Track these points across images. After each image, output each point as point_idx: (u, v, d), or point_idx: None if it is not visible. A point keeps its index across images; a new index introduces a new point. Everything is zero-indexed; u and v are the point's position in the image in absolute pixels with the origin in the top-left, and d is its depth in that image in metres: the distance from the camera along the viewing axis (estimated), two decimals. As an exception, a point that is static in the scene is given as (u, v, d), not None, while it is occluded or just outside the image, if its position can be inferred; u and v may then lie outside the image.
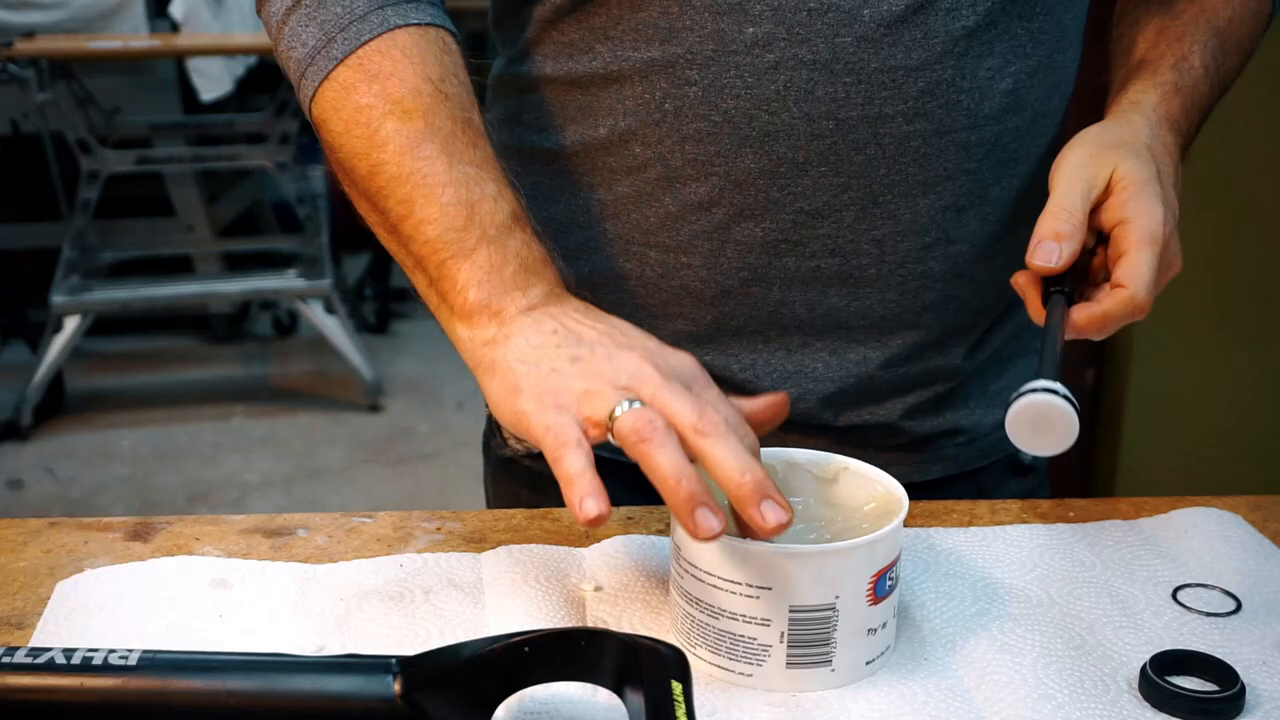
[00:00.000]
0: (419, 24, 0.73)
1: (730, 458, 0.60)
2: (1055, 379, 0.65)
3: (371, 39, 0.72)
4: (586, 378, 0.63)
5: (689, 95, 0.77)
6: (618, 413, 0.61)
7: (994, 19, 0.77)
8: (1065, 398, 0.64)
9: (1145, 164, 0.73)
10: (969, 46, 0.76)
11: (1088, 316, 0.70)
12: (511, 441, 0.95)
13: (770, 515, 0.59)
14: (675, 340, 0.83)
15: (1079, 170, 0.73)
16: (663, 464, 0.59)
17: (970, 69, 0.77)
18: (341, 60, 0.72)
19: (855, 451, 0.72)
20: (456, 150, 0.70)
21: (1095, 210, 0.73)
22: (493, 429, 0.97)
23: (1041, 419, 0.65)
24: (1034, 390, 0.65)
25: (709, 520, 0.58)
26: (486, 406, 0.97)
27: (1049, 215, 0.72)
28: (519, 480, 0.94)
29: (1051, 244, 0.71)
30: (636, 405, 0.61)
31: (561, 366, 0.64)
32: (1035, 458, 0.94)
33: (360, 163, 0.72)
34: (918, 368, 0.85)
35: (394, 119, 0.70)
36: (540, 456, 0.92)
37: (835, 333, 0.82)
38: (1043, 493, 0.98)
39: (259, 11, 0.80)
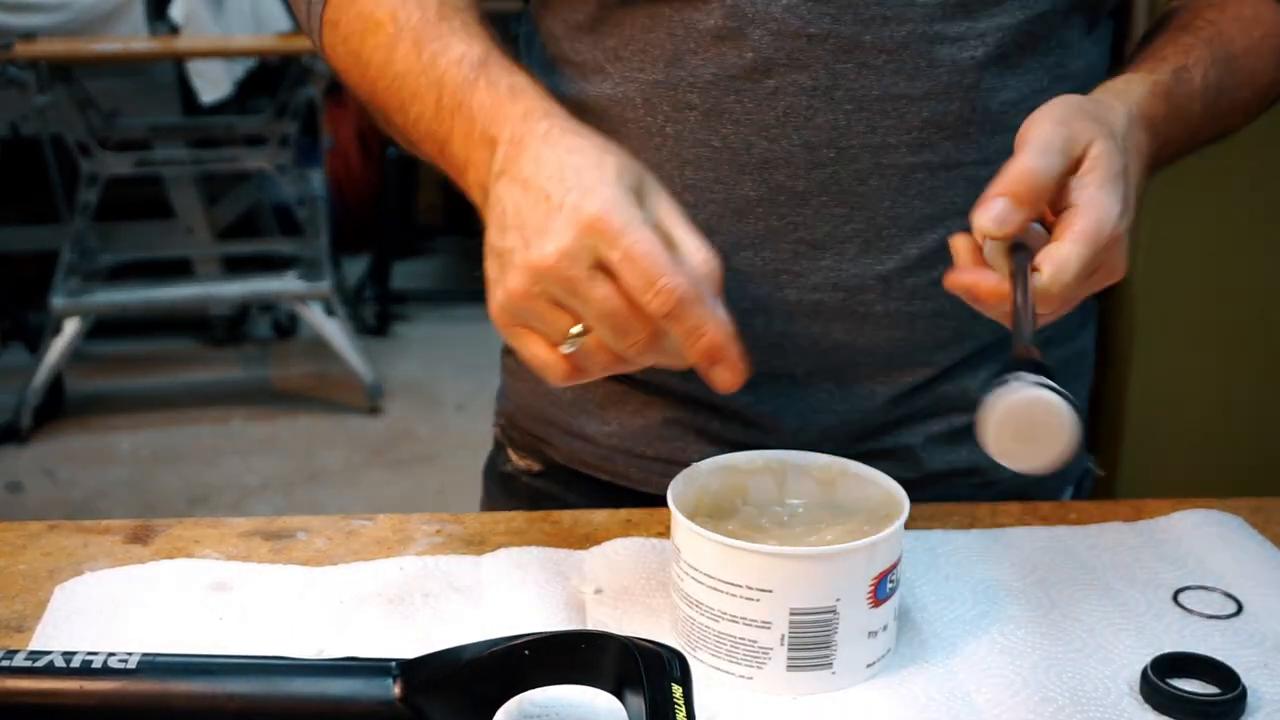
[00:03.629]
0: None
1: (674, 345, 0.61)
2: (1039, 364, 0.54)
3: None
4: (506, 292, 0.61)
5: (689, 120, 0.76)
6: (564, 349, 0.62)
7: (1006, 52, 0.74)
8: (1060, 393, 0.52)
9: (1118, 154, 0.66)
10: (979, 79, 0.74)
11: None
12: (515, 458, 0.94)
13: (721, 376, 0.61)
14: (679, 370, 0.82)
15: (1056, 133, 0.65)
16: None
17: (980, 102, 0.75)
18: (325, 3, 0.77)
19: None
20: (426, 35, 0.71)
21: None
22: (498, 446, 0.97)
23: (1029, 421, 0.53)
24: (1022, 383, 0.52)
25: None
26: (495, 420, 0.97)
27: (1011, 174, 0.63)
28: (518, 497, 0.93)
29: (1006, 205, 0.63)
30: (576, 338, 0.61)
31: (503, 271, 0.62)
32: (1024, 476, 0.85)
33: (363, 89, 0.75)
34: (929, 398, 0.82)
35: (370, 35, 0.73)
36: (540, 475, 0.92)
37: (843, 367, 0.80)
38: None
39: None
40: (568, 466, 0.89)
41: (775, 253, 0.77)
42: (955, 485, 0.85)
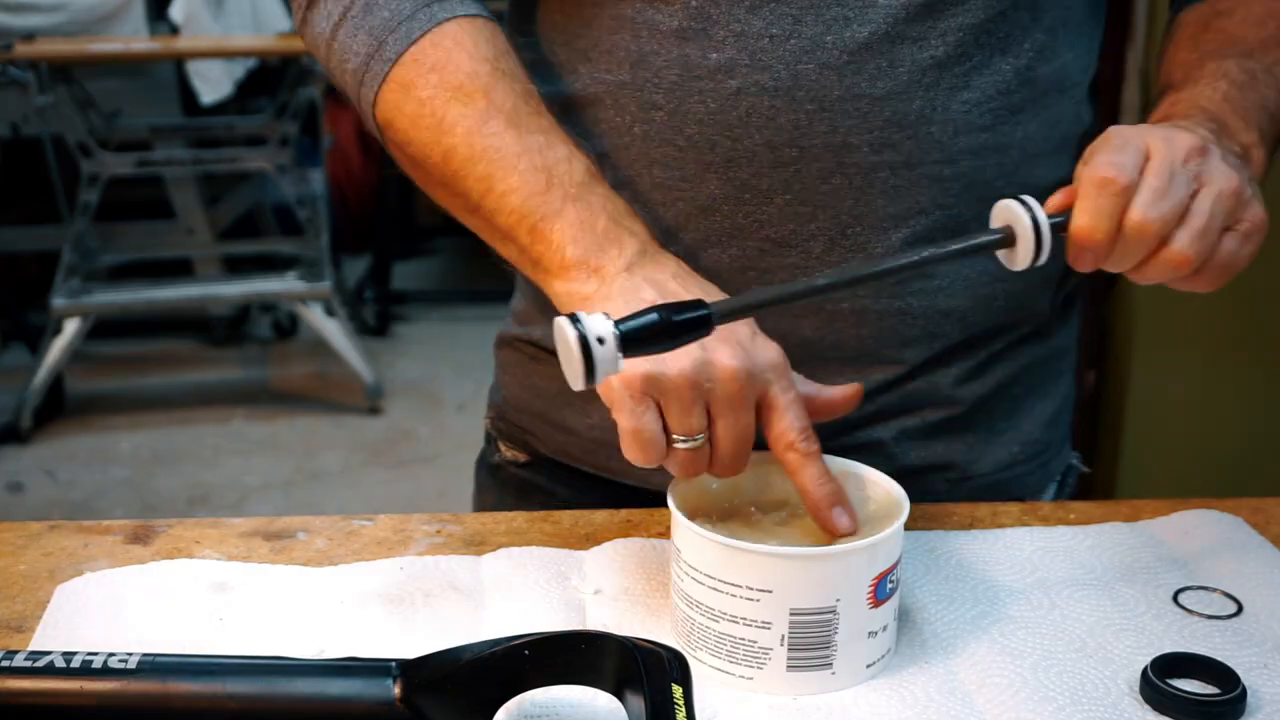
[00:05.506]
0: (466, 15, 0.76)
1: (810, 476, 0.67)
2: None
3: (422, 35, 0.75)
4: (671, 371, 0.64)
5: (655, 119, 0.77)
6: (678, 446, 0.65)
7: (967, 51, 0.75)
8: (581, 334, 0.56)
9: (1134, 130, 0.67)
10: (939, 78, 0.75)
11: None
12: (503, 450, 0.95)
13: (841, 521, 0.66)
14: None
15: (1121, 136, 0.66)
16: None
17: (941, 101, 0.75)
18: (396, 60, 0.75)
19: None
20: (522, 121, 0.73)
21: None
22: (489, 438, 0.97)
23: (562, 343, 0.57)
24: (577, 316, 0.57)
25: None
26: (487, 413, 0.97)
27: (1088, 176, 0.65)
28: (506, 487, 0.95)
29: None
30: (695, 443, 0.65)
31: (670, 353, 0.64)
32: None
33: (432, 152, 0.74)
34: (900, 394, 0.82)
35: (457, 103, 0.73)
36: (526, 465, 0.92)
37: (811, 363, 0.79)
38: None
39: (300, 34, 0.82)
40: (552, 458, 0.90)
41: (742, 250, 0.78)
42: (930, 480, 0.85)
